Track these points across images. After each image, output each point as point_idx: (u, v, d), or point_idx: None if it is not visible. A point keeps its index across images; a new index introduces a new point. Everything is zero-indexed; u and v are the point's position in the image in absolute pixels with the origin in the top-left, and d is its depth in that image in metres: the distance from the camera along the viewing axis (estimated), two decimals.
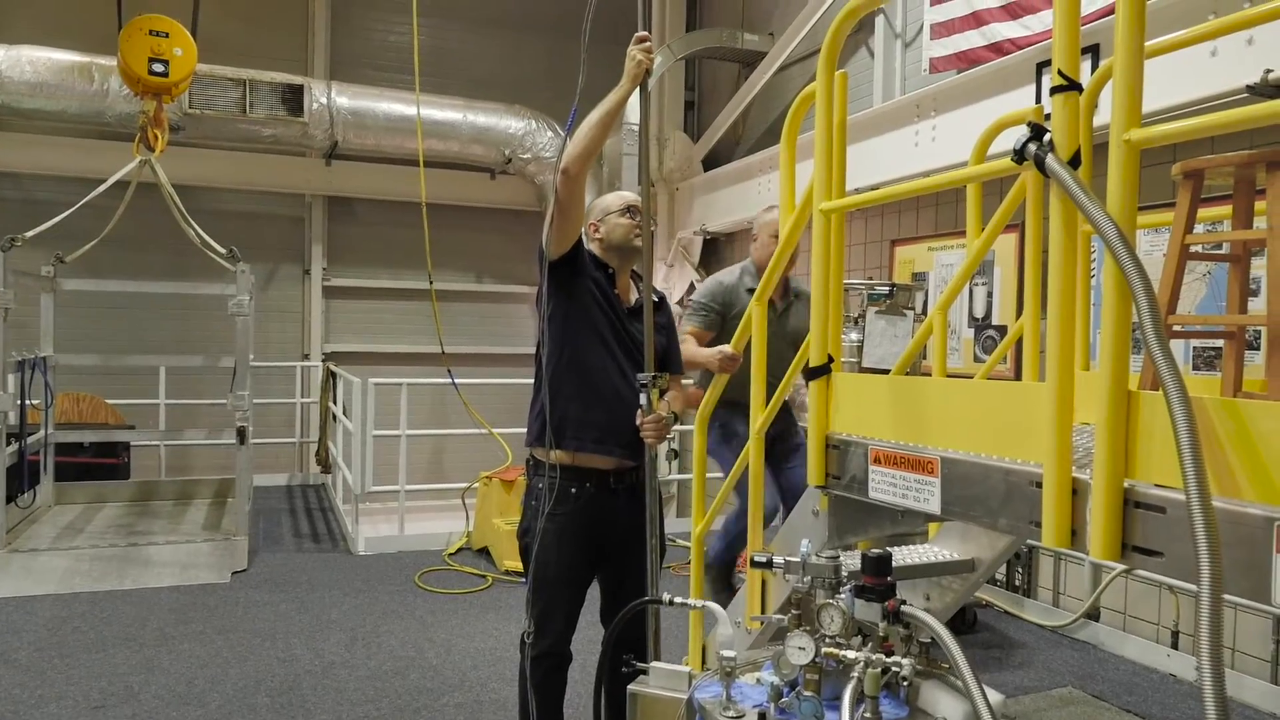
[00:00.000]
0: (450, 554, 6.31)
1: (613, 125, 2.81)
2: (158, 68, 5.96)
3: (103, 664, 4.17)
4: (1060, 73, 1.60)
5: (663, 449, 3.09)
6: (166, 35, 5.99)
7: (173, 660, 4.23)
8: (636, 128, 8.13)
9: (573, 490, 2.82)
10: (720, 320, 4.36)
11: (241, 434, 6.28)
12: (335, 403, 7.93)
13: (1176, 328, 2.11)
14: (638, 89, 2.83)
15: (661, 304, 3.09)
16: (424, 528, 6.73)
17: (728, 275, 4.44)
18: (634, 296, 3.01)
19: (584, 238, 3.03)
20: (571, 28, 9.41)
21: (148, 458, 8.38)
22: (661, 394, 2.79)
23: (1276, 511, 1.35)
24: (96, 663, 4.18)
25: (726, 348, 3.61)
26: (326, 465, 8.39)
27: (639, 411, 2.77)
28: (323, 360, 8.86)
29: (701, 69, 9.43)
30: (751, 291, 3.76)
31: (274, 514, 7.59)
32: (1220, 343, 3.23)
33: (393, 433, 6.54)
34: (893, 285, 4.53)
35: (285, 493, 8.60)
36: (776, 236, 3.88)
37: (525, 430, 2.99)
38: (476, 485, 6.64)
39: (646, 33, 2.84)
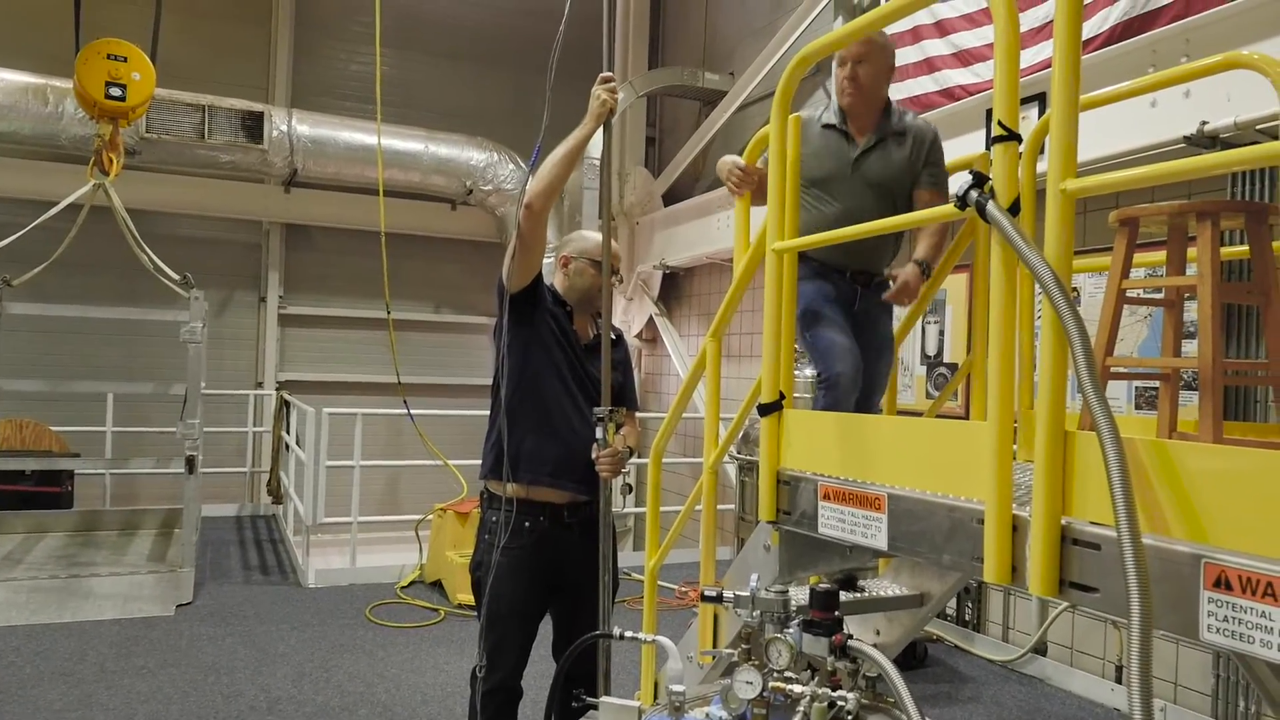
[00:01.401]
0: (402, 587, 6.22)
1: (576, 162, 2.85)
2: (115, 91, 5.91)
3: (38, 700, 4.04)
4: (1000, 123, 1.66)
5: (617, 483, 3.06)
6: (125, 60, 5.94)
7: (111, 696, 4.12)
8: (598, 162, 8.21)
9: (526, 524, 2.82)
10: None
11: (190, 463, 6.16)
12: (288, 432, 7.82)
13: (1114, 369, 2.18)
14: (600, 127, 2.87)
15: (619, 340, 3.11)
16: (376, 560, 6.64)
17: (810, 109, 3.40)
18: (591, 333, 3.04)
19: (551, 266, 3.06)
20: (535, 62, 9.57)
21: (92, 486, 8.17)
22: (618, 428, 2.81)
23: (1203, 549, 1.40)
24: (32, 699, 4.05)
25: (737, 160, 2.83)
26: (278, 495, 8.25)
27: (595, 445, 2.78)
28: (276, 389, 8.74)
29: (663, 106, 9.56)
30: (828, 128, 3.04)
31: (222, 545, 7.44)
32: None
33: (346, 463, 6.47)
34: None
35: (234, 523, 8.44)
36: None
37: (480, 462, 2.99)
38: (430, 517, 6.57)
39: (611, 73, 2.89)
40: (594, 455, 2.78)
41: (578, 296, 2.98)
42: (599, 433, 2.78)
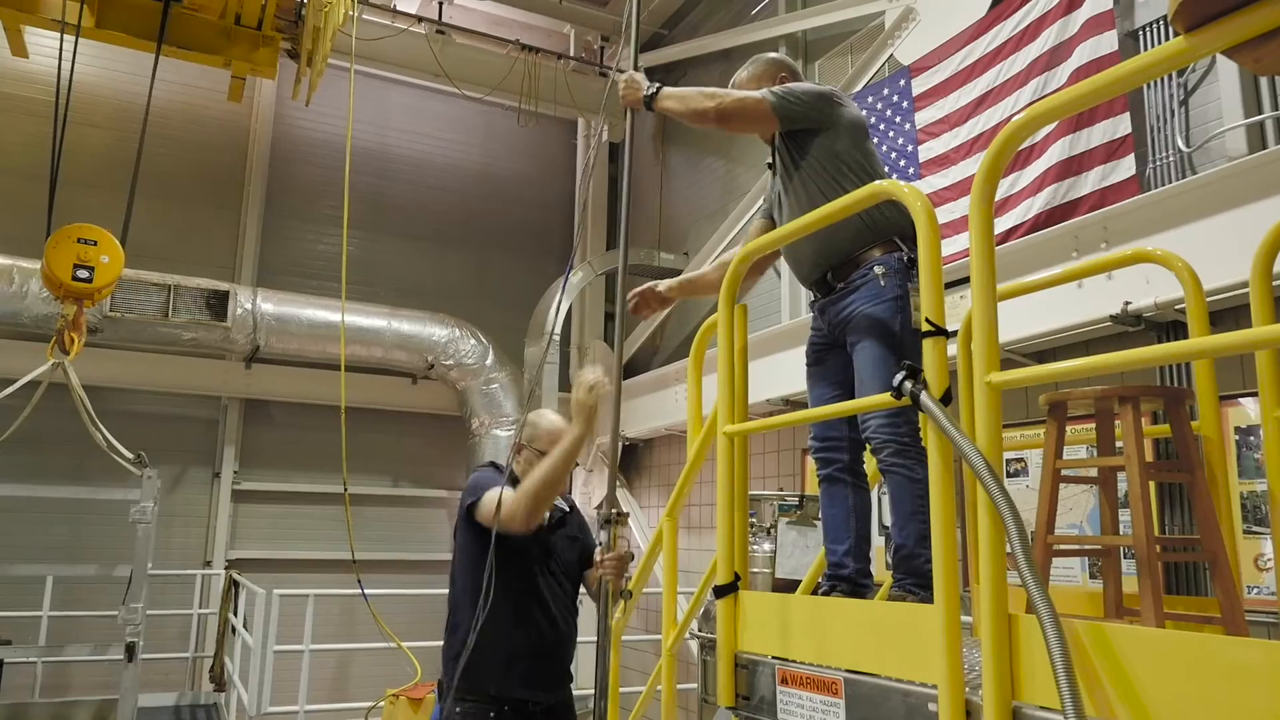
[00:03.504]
0: None
1: (573, 463, 2.88)
2: (82, 274, 6.00)
3: None
4: (927, 320, 1.78)
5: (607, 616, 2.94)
6: (95, 243, 6.07)
7: None
8: (557, 337, 8.43)
9: (491, 714, 2.74)
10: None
11: (131, 650, 5.87)
12: (236, 614, 7.52)
13: (1056, 547, 2.24)
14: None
15: (572, 510, 3.12)
16: None
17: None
18: (549, 514, 3.05)
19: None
20: (494, 241, 9.96)
21: (22, 675, 7.71)
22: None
23: None
24: None
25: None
26: (221, 683, 7.84)
27: (599, 549, 2.76)
28: (226, 567, 8.47)
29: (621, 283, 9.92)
30: (769, 167, 3.05)
31: None
32: None
33: (295, 648, 6.21)
34: (802, 496, 4.65)
35: (173, 714, 7.96)
36: None
37: (441, 648, 2.91)
38: (382, 704, 6.28)
39: (598, 376, 2.94)
40: (598, 558, 2.78)
41: None
42: (604, 536, 2.74)
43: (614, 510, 2.80)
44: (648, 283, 3.14)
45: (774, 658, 2.22)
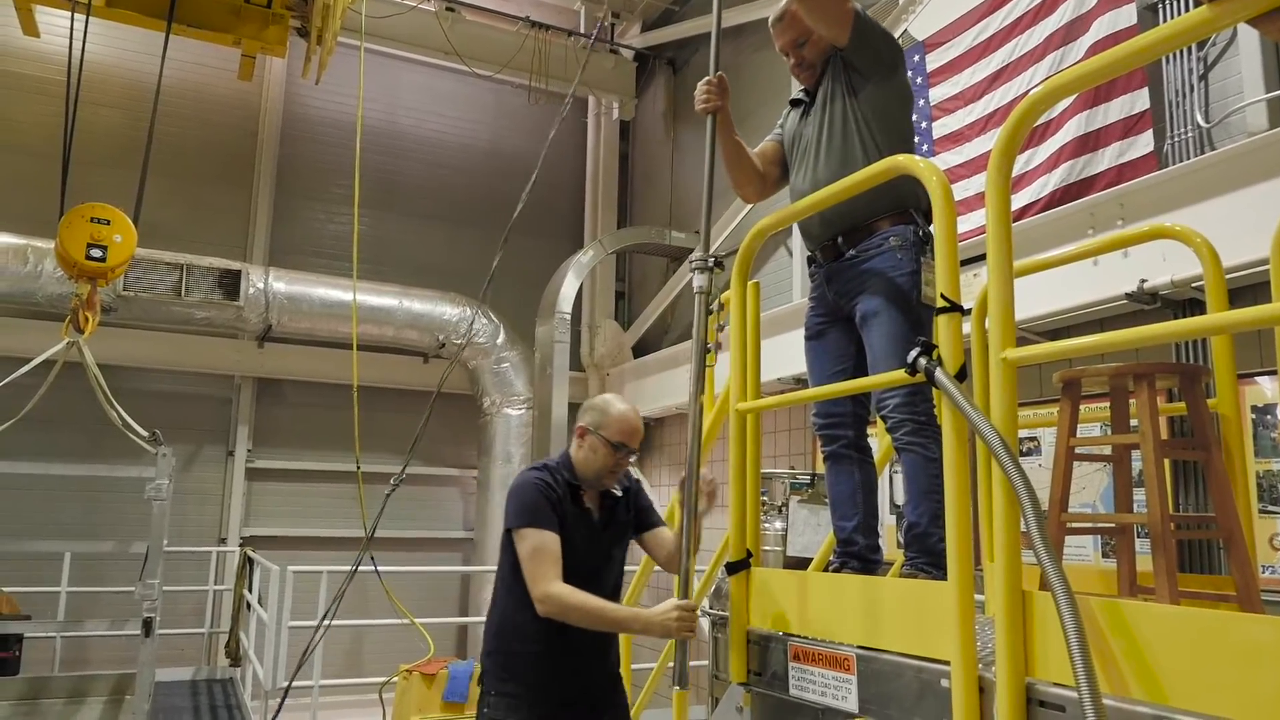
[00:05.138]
0: None
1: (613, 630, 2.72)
2: (95, 253, 6.02)
3: None
4: (943, 296, 1.77)
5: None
6: (108, 223, 6.08)
7: None
8: (568, 316, 8.42)
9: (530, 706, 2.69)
10: None
11: (148, 625, 5.93)
12: (250, 590, 7.60)
13: (1070, 525, 2.23)
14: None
15: (626, 492, 2.89)
16: None
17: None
18: (598, 512, 2.79)
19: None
20: (505, 221, 9.86)
21: (42, 650, 7.81)
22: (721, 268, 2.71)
23: (1164, 710, 1.41)
24: None
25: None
26: (236, 658, 7.93)
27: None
28: (240, 545, 8.55)
29: (632, 262, 9.90)
30: (794, 104, 3.06)
31: (175, 713, 7.08)
32: None
33: (309, 623, 6.27)
34: (813, 475, 4.65)
35: (189, 688, 8.05)
36: None
37: (483, 631, 2.79)
38: (395, 679, 6.33)
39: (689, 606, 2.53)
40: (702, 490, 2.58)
41: (590, 475, 2.73)
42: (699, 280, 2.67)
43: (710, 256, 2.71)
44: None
45: (786, 634, 2.22)
